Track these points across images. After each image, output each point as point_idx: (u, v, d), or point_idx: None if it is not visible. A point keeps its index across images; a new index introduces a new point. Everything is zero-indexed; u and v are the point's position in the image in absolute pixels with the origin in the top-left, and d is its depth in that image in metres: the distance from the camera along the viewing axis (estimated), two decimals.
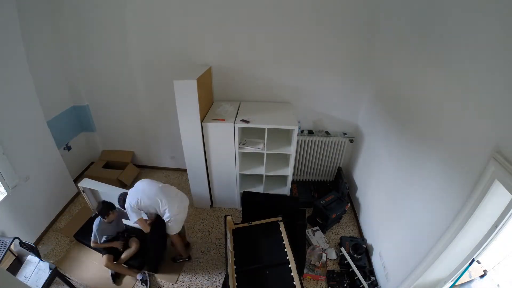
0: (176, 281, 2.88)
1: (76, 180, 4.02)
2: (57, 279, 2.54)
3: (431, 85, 2.07)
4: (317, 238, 3.24)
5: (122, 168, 4.14)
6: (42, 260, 2.48)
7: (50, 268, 2.40)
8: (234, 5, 3.01)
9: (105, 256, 2.66)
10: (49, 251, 3.14)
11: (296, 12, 2.99)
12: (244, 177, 3.54)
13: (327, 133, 3.72)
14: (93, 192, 3.40)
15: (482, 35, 1.56)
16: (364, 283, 2.69)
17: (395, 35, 2.70)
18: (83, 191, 3.29)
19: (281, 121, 3.04)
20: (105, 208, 2.56)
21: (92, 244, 2.70)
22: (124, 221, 2.96)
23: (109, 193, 3.10)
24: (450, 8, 1.86)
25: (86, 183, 3.22)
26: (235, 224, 2.64)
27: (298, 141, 3.54)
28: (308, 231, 3.31)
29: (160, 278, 2.90)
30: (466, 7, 1.71)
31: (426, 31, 2.16)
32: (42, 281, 2.33)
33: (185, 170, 3.39)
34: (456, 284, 1.86)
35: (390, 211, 2.65)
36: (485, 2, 1.56)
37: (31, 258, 2.52)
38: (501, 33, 1.42)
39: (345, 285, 2.77)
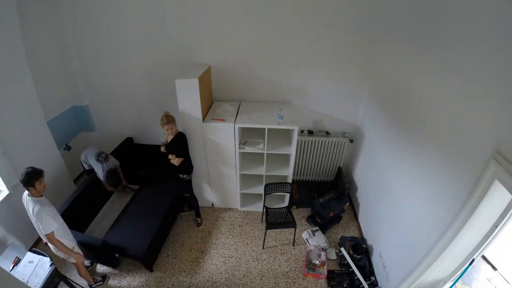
0: (176, 281, 2.88)
1: (76, 180, 4.02)
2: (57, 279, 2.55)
3: (431, 84, 2.07)
4: (317, 238, 3.24)
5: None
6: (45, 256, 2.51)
7: (50, 266, 2.43)
8: (234, 4, 3.01)
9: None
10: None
11: (296, 12, 2.99)
12: (244, 177, 3.54)
13: (327, 133, 3.72)
14: None
15: (483, 34, 1.56)
16: (364, 283, 2.69)
17: (395, 35, 2.70)
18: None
19: (281, 121, 3.04)
20: None
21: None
22: None
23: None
24: (451, 6, 1.86)
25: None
26: None
27: (298, 141, 3.54)
28: (308, 231, 3.32)
29: (159, 277, 2.91)
30: (466, 6, 1.71)
31: (426, 29, 2.16)
32: (42, 280, 2.34)
33: None
34: None
35: (390, 211, 2.65)
36: (485, 1, 1.56)
37: (32, 256, 2.53)
38: (502, 32, 1.42)
39: (345, 285, 2.77)
